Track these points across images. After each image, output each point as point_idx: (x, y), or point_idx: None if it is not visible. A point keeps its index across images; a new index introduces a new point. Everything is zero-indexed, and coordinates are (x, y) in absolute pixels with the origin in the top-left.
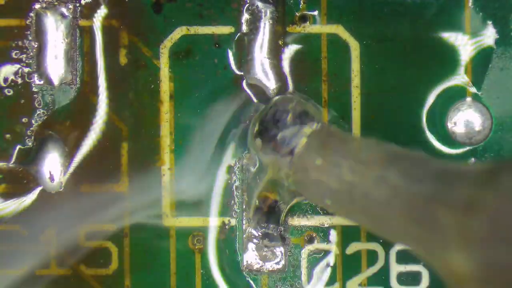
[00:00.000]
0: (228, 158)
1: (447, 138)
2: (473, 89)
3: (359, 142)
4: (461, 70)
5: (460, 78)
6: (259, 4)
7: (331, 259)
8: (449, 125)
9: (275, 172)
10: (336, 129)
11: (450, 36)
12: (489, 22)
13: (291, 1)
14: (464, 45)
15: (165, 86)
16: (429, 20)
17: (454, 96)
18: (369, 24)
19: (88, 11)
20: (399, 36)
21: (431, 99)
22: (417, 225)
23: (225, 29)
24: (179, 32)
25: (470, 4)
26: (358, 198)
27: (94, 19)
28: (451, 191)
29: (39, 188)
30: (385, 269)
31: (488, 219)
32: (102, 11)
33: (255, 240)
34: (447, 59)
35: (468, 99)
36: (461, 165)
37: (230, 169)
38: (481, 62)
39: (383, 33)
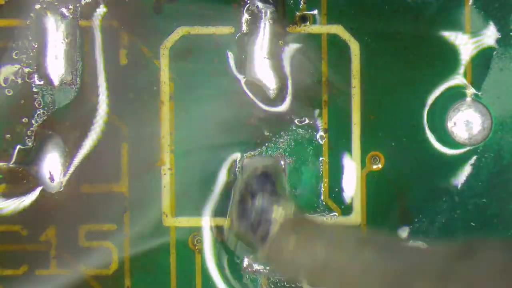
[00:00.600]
0: (228, 159)
1: (447, 138)
2: (472, 90)
3: (331, 226)
4: (461, 70)
5: (460, 78)
6: (259, 4)
7: None
8: (449, 125)
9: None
10: (307, 214)
11: (450, 36)
12: (490, 22)
13: (291, 1)
14: (465, 44)
15: (165, 87)
16: (429, 20)
17: (454, 96)
18: (369, 24)
19: (88, 12)
20: (399, 36)
21: (431, 99)
22: None
23: (225, 30)
24: (179, 32)
25: (470, 3)
26: (332, 275)
27: (94, 20)
28: (425, 264)
29: (39, 188)
30: None
31: (461, 285)
32: (102, 11)
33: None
34: (447, 59)
35: (468, 99)
36: (433, 246)
37: (230, 170)
38: (481, 62)
39: (383, 33)
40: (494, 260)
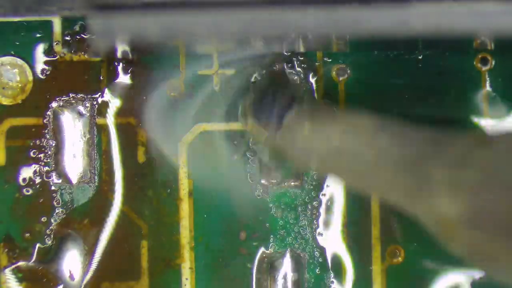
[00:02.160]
0: (250, 256)
1: None
2: None
3: (348, 112)
4: None
5: None
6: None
7: None
8: None
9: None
10: (326, 101)
11: (469, 128)
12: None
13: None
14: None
15: (184, 183)
16: (447, 114)
17: None
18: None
19: (105, 110)
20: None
21: None
22: (405, 178)
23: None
24: (197, 128)
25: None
26: (345, 160)
27: (111, 117)
28: (443, 151)
29: (60, 287)
30: None
31: (478, 171)
32: (119, 109)
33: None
34: None
35: None
36: (451, 134)
37: (256, 268)
38: None
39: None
40: None
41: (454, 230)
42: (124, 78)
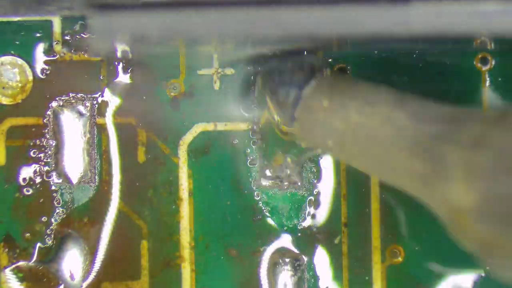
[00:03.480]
0: (250, 258)
1: None
2: None
3: (367, 85)
4: None
5: None
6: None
7: None
8: None
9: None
10: (345, 74)
11: None
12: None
13: None
14: None
15: (184, 183)
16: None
17: None
18: None
19: (105, 109)
20: None
21: None
22: (420, 161)
23: (243, 125)
24: (197, 128)
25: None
26: (362, 139)
27: (111, 117)
28: (459, 130)
29: (60, 287)
30: None
31: (494, 153)
32: (119, 109)
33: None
34: None
35: None
36: (470, 109)
37: (252, 271)
38: None
39: None
40: None
41: (467, 221)
42: (124, 78)
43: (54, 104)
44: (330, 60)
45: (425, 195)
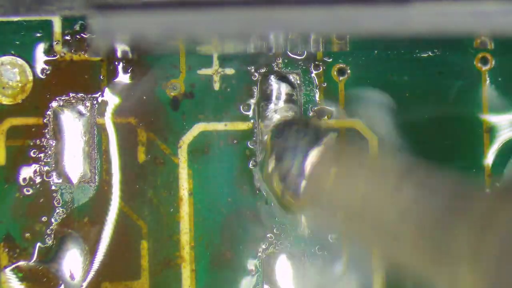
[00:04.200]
0: (250, 256)
1: None
2: (492, 182)
3: (374, 154)
4: (481, 163)
5: (480, 171)
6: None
7: None
8: None
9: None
10: (351, 142)
11: (468, 127)
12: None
13: (309, 96)
14: (485, 137)
15: (184, 183)
16: (446, 113)
17: None
18: (388, 117)
19: (105, 109)
20: (419, 129)
21: None
22: (427, 240)
23: (243, 125)
24: (197, 128)
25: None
26: (370, 210)
27: (111, 117)
28: (466, 208)
29: (61, 287)
30: None
31: (501, 238)
32: (119, 109)
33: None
34: (465, 152)
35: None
36: (476, 180)
37: (253, 270)
38: (500, 153)
39: (401, 127)
40: None
41: None
42: (124, 78)
43: (54, 104)
44: (330, 60)
45: (431, 275)
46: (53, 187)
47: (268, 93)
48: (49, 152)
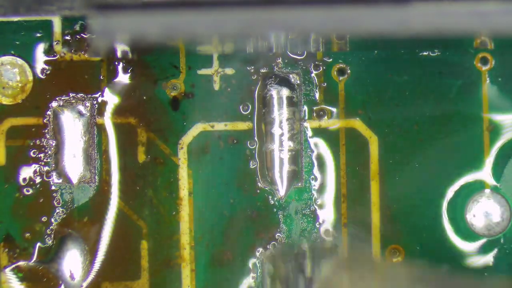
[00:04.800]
0: (249, 256)
1: (467, 230)
2: (492, 181)
3: (380, 265)
4: (480, 161)
5: (479, 169)
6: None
7: None
8: (468, 217)
9: None
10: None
11: (468, 126)
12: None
13: (309, 96)
14: (484, 135)
15: (184, 183)
16: (447, 113)
17: (473, 188)
18: (388, 118)
19: (105, 109)
20: (417, 127)
21: (450, 191)
22: None
23: (243, 125)
24: (197, 128)
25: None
26: None
27: (111, 117)
28: None
29: (61, 287)
30: None
31: None
32: (119, 109)
33: None
34: (465, 150)
35: (487, 190)
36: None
37: (252, 266)
38: (500, 153)
39: (402, 126)
40: None
41: None
42: (124, 78)
43: (54, 104)
44: (330, 60)
45: None
46: (53, 187)
47: (267, 99)
48: (49, 152)
